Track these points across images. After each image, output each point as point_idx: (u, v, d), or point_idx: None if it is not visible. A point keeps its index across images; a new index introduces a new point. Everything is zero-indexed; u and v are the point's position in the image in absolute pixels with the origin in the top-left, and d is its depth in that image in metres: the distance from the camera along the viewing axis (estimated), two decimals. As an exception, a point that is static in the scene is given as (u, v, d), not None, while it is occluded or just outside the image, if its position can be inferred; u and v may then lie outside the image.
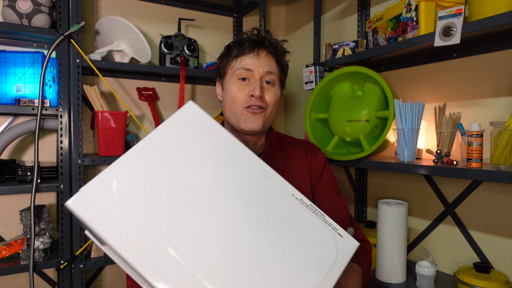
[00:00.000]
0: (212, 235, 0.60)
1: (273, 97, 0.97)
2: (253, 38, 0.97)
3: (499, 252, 1.26)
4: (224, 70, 1.01)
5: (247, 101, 0.94)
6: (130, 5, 1.93)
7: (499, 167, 1.06)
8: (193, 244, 0.58)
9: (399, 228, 1.31)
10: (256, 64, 0.95)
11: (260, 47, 0.97)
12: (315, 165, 1.07)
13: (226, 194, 0.65)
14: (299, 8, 2.29)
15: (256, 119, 0.95)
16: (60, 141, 1.55)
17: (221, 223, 0.62)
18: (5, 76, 1.55)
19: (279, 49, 1.01)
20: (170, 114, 2.01)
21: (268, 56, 0.98)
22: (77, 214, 0.56)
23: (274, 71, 0.98)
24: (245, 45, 0.96)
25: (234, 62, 0.98)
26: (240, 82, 0.96)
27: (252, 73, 0.96)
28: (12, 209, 1.68)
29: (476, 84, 1.33)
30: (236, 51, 0.98)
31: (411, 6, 1.28)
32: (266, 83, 0.97)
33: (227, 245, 0.60)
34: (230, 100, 0.96)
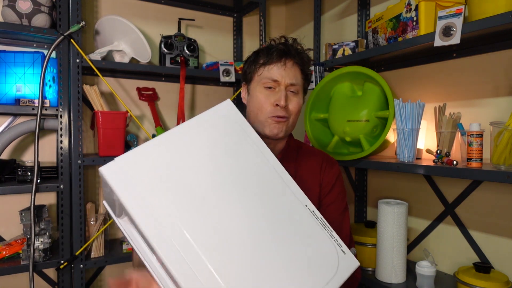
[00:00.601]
0: (226, 229, 0.64)
1: (296, 106, 1.02)
2: (281, 48, 1.01)
3: (499, 252, 1.26)
4: (251, 76, 1.05)
5: (272, 111, 0.99)
6: (130, 5, 1.93)
7: (499, 167, 1.06)
8: (207, 233, 0.62)
9: (399, 228, 1.31)
10: (282, 74, 0.99)
11: (287, 57, 1.00)
12: (328, 178, 1.09)
13: (245, 193, 0.69)
14: (299, 8, 2.29)
15: (280, 126, 1.01)
16: (60, 141, 1.55)
17: (235, 219, 0.66)
18: (5, 76, 1.55)
19: (305, 58, 1.05)
20: (170, 114, 2.03)
21: (294, 66, 1.01)
22: (108, 179, 0.59)
23: (298, 82, 1.02)
24: (273, 54, 1.00)
25: (262, 70, 1.01)
26: (266, 90, 1.01)
27: (278, 83, 1.00)
28: (12, 209, 1.68)
29: (476, 84, 1.33)
30: (263, 59, 1.01)
31: (411, 6, 1.28)
32: (290, 92, 1.02)
33: (236, 239, 0.64)
34: (256, 107, 1.01)
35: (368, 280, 1.37)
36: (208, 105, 2.12)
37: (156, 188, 0.62)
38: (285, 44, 1.03)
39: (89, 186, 1.82)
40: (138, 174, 0.62)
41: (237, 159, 0.71)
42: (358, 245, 1.46)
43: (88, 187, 1.82)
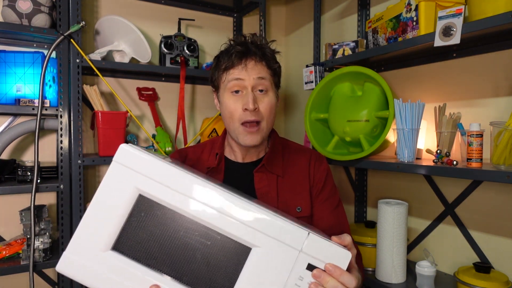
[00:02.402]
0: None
1: (268, 105, 0.97)
2: (238, 49, 0.96)
3: (499, 252, 1.26)
4: (217, 83, 1.01)
5: (242, 116, 0.95)
6: (130, 5, 1.93)
7: (499, 167, 1.06)
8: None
9: (399, 228, 1.31)
10: (245, 76, 0.95)
11: (247, 57, 0.96)
12: (319, 175, 1.06)
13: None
14: (299, 8, 2.29)
15: (253, 136, 0.96)
16: (60, 141, 1.55)
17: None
18: (5, 76, 1.55)
19: (268, 53, 0.99)
20: (170, 114, 2.03)
21: (256, 65, 0.96)
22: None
23: (265, 76, 0.97)
24: (232, 57, 0.96)
25: (225, 75, 0.97)
26: (234, 95, 0.96)
27: (244, 84, 0.95)
28: (12, 209, 1.68)
29: (476, 84, 1.33)
30: (224, 64, 0.97)
31: (411, 6, 1.28)
32: (259, 92, 0.97)
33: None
34: (228, 116, 0.97)
35: (368, 280, 1.37)
36: (208, 105, 2.13)
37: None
38: (243, 43, 0.98)
39: (89, 186, 1.82)
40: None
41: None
42: (358, 245, 1.46)
43: (88, 187, 1.82)
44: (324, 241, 0.65)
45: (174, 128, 2.03)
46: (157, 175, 0.65)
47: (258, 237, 0.64)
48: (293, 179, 1.04)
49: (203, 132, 1.93)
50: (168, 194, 0.65)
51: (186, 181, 0.65)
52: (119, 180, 0.65)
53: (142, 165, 0.65)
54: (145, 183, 0.65)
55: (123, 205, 0.65)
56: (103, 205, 0.65)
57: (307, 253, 0.64)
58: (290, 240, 0.64)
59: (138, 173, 0.65)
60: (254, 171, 1.02)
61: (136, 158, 0.65)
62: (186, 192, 0.65)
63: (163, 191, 0.65)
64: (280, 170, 1.03)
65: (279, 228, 0.65)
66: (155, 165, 0.65)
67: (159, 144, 1.77)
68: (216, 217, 0.64)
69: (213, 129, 1.92)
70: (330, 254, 0.65)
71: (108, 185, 0.65)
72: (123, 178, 0.65)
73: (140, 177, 0.65)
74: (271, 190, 1.01)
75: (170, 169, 0.66)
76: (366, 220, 1.73)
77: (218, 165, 1.04)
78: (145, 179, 0.65)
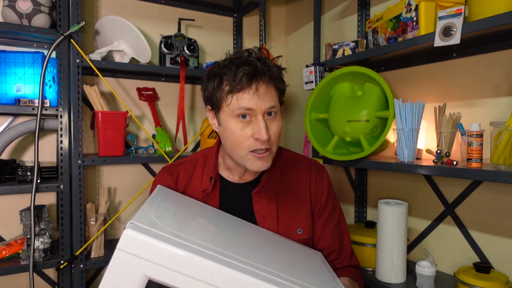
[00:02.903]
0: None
1: (277, 130, 0.90)
2: (247, 70, 0.85)
3: (499, 252, 1.26)
4: (218, 104, 0.90)
5: (252, 145, 0.87)
6: (130, 5, 1.93)
7: (499, 167, 1.06)
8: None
9: (399, 228, 1.31)
10: (257, 102, 0.85)
11: (258, 80, 0.85)
12: (320, 190, 1.02)
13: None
14: (299, 8, 2.29)
15: (264, 161, 0.89)
16: (60, 141, 1.55)
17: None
18: (5, 76, 1.55)
19: (275, 73, 0.90)
20: (170, 114, 2.03)
21: (268, 88, 0.87)
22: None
23: (275, 103, 0.89)
24: (240, 80, 0.84)
25: (230, 99, 0.86)
26: (241, 121, 0.87)
27: (254, 112, 0.86)
28: (12, 209, 1.68)
29: (476, 84, 1.33)
30: (230, 85, 0.86)
31: (411, 6, 1.28)
32: (268, 115, 0.89)
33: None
34: (232, 142, 0.89)
35: (368, 280, 1.37)
36: (208, 105, 2.12)
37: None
38: (250, 62, 0.86)
39: (89, 186, 1.82)
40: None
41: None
42: (358, 245, 1.46)
43: (88, 187, 1.82)
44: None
45: (174, 128, 2.03)
46: (167, 261, 0.60)
47: None
48: (293, 197, 1.00)
49: (203, 132, 1.93)
50: (180, 279, 0.60)
51: (199, 265, 0.60)
52: (126, 268, 0.60)
53: (149, 252, 0.60)
54: (154, 270, 0.60)
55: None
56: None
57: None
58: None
59: (145, 260, 0.60)
60: (253, 193, 0.97)
61: (142, 244, 0.60)
62: (199, 277, 0.60)
63: (175, 277, 0.60)
64: (279, 189, 0.99)
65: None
66: (164, 250, 0.60)
67: (159, 144, 1.77)
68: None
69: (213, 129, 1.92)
70: None
71: (114, 274, 0.60)
72: (130, 267, 0.60)
73: (149, 264, 0.60)
74: (271, 212, 0.96)
75: (181, 251, 0.60)
76: (366, 220, 1.73)
77: (213, 190, 0.98)
78: (154, 266, 0.60)
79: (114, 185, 1.89)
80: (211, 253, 0.62)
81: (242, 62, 0.87)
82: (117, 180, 1.90)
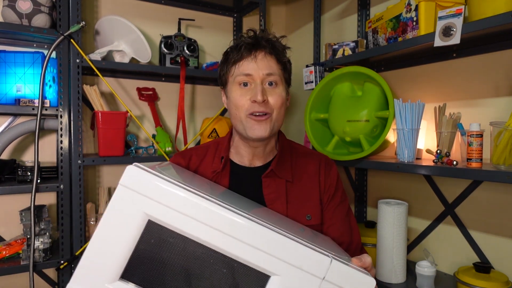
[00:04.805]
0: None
1: (278, 99, 0.93)
2: (248, 41, 0.94)
3: (499, 252, 1.26)
4: (226, 78, 0.98)
5: (250, 108, 0.91)
6: (130, 5, 1.93)
7: (499, 167, 1.06)
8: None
9: (399, 228, 1.31)
10: (255, 67, 0.92)
11: (257, 49, 0.94)
12: (329, 180, 1.03)
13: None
14: (299, 8, 2.29)
15: (262, 126, 0.92)
16: (60, 141, 1.55)
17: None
18: (5, 76, 1.55)
19: (278, 46, 0.97)
20: (170, 114, 2.03)
21: (266, 57, 0.94)
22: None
23: (274, 71, 0.94)
24: (241, 49, 0.93)
25: (233, 68, 0.95)
26: (242, 88, 0.93)
27: (252, 77, 0.93)
28: (12, 209, 1.68)
29: (476, 84, 1.33)
30: (234, 57, 0.95)
31: (411, 6, 1.28)
32: (269, 85, 0.94)
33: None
34: (234, 108, 0.94)
35: (368, 280, 1.37)
36: (208, 105, 2.13)
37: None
38: (252, 36, 0.96)
39: (89, 186, 1.82)
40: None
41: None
42: (358, 245, 1.46)
43: (88, 187, 1.82)
44: (347, 268, 0.61)
45: (174, 128, 2.03)
46: (168, 199, 0.59)
47: (278, 264, 0.60)
48: (302, 185, 1.01)
49: (203, 132, 1.93)
50: (180, 220, 0.59)
51: (199, 205, 0.60)
52: (127, 204, 0.60)
53: (151, 189, 0.60)
54: (154, 208, 0.59)
55: (131, 231, 0.60)
56: (110, 232, 0.60)
57: (330, 281, 0.60)
58: (312, 268, 0.60)
59: (147, 198, 0.60)
60: (263, 176, 0.98)
61: (144, 180, 0.60)
62: (199, 218, 0.60)
63: (175, 217, 0.59)
64: (289, 175, 1.00)
65: (301, 255, 0.60)
66: (165, 188, 0.60)
67: (159, 144, 1.77)
68: (232, 243, 0.60)
69: (213, 129, 1.92)
70: (354, 281, 0.61)
71: (115, 211, 0.60)
72: (131, 203, 0.60)
73: (150, 202, 0.59)
74: (280, 196, 0.97)
75: (182, 192, 0.60)
76: (366, 220, 1.73)
77: (223, 170, 1.00)
78: (154, 204, 0.59)
79: (114, 185, 1.89)
80: (213, 199, 0.62)
81: (245, 37, 0.96)
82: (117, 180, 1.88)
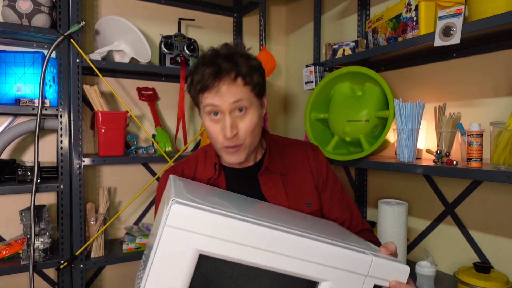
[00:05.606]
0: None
1: (248, 125, 0.90)
2: (209, 71, 0.87)
3: (499, 252, 1.26)
4: (196, 102, 0.95)
5: (223, 141, 0.91)
6: (130, 5, 1.93)
7: (499, 167, 1.06)
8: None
9: (399, 228, 1.31)
10: (220, 99, 0.87)
11: (220, 79, 0.87)
12: (319, 164, 1.06)
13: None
14: (299, 8, 2.29)
15: (236, 156, 0.93)
16: (60, 141, 1.55)
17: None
18: (5, 76, 1.55)
19: (243, 66, 0.89)
20: (170, 114, 2.03)
21: (230, 86, 0.88)
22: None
23: (242, 96, 0.88)
24: (204, 79, 0.87)
25: (200, 97, 0.91)
26: (212, 118, 0.91)
27: (220, 107, 0.88)
28: (12, 209, 1.68)
29: (476, 84, 1.33)
30: (198, 85, 0.90)
31: (411, 6, 1.28)
32: (239, 111, 0.90)
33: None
34: (210, 137, 0.95)
35: (368, 280, 1.37)
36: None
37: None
38: (212, 61, 0.88)
39: (89, 186, 1.82)
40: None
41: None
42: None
43: (88, 187, 1.82)
44: (385, 261, 0.69)
45: (174, 128, 2.03)
46: (215, 230, 0.61)
47: (326, 271, 0.65)
48: (296, 175, 1.03)
49: (203, 132, 1.93)
50: (231, 248, 0.61)
51: (245, 230, 0.62)
52: (176, 244, 0.60)
53: (199, 224, 0.61)
54: (205, 242, 0.61)
55: (185, 269, 0.60)
56: (163, 274, 0.60)
57: (372, 276, 0.68)
58: (356, 268, 0.67)
59: (196, 234, 0.60)
60: (258, 175, 1.00)
61: (191, 217, 0.60)
62: (247, 243, 0.62)
63: (226, 247, 0.61)
64: (282, 169, 1.02)
65: (346, 259, 0.66)
66: (211, 221, 0.61)
67: (159, 144, 1.77)
68: (281, 260, 0.63)
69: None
70: (392, 271, 0.69)
71: (165, 252, 0.60)
72: (180, 242, 0.60)
73: (199, 237, 0.60)
74: (279, 191, 1.00)
75: (225, 221, 0.61)
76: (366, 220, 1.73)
77: (219, 175, 1.01)
78: (203, 238, 0.61)
79: (114, 185, 1.89)
80: (252, 219, 0.64)
81: (207, 62, 0.89)
82: (117, 180, 1.90)
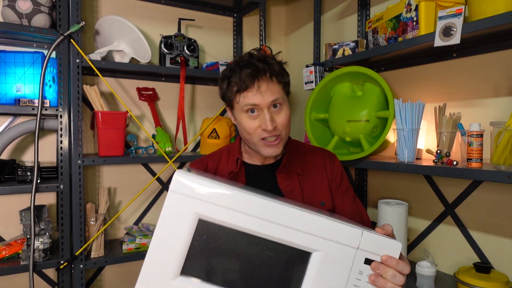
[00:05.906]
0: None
1: (284, 119, 0.99)
2: (249, 72, 0.95)
3: (499, 252, 1.26)
4: (231, 103, 1.02)
5: (261, 134, 0.98)
6: (130, 5, 1.93)
7: (499, 167, 1.06)
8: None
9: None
10: (260, 98, 0.95)
11: (259, 79, 0.96)
12: (334, 170, 1.11)
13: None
14: (299, 8, 2.29)
15: (274, 147, 0.99)
16: (60, 141, 1.55)
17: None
18: (5, 76, 1.55)
19: (276, 69, 0.99)
20: (170, 114, 2.03)
21: (269, 84, 0.97)
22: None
23: (278, 95, 0.98)
24: (242, 79, 0.95)
25: (238, 97, 0.98)
26: (249, 115, 0.98)
27: (259, 106, 0.97)
28: (12, 209, 1.68)
29: (476, 84, 1.33)
30: (236, 86, 0.97)
31: (411, 6, 1.28)
32: (274, 107, 0.98)
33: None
34: (245, 132, 1.00)
35: (368, 280, 1.37)
36: (208, 105, 2.13)
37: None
38: (251, 63, 0.96)
39: (89, 186, 1.82)
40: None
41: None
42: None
43: (88, 187, 1.82)
44: (376, 236, 0.71)
45: (174, 128, 2.03)
46: (215, 198, 0.67)
47: (318, 242, 0.69)
48: (312, 177, 1.09)
49: (203, 132, 1.93)
50: (227, 215, 0.67)
51: (242, 199, 0.67)
52: (178, 208, 0.66)
53: (199, 191, 0.67)
54: (203, 208, 0.66)
55: (185, 231, 0.66)
56: (166, 235, 0.66)
57: (363, 249, 0.70)
58: (347, 241, 0.70)
59: (196, 199, 0.66)
60: (276, 172, 1.07)
61: (192, 185, 0.67)
62: (244, 210, 0.67)
63: (222, 213, 0.67)
64: (299, 169, 1.08)
65: (337, 231, 0.70)
66: (211, 188, 0.67)
67: (159, 144, 1.77)
68: (276, 229, 0.67)
69: (213, 129, 1.92)
70: (384, 246, 0.71)
71: (168, 215, 0.66)
72: (182, 206, 0.66)
73: (198, 203, 0.66)
74: (295, 188, 1.06)
75: (226, 190, 0.67)
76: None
77: (239, 170, 1.08)
78: (203, 204, 0.66)
79: (114, 185, 1.89)
80: (252, 193, 0.69)
81: (244, 65, 0.97)
82: (117, 180, 1.90)
